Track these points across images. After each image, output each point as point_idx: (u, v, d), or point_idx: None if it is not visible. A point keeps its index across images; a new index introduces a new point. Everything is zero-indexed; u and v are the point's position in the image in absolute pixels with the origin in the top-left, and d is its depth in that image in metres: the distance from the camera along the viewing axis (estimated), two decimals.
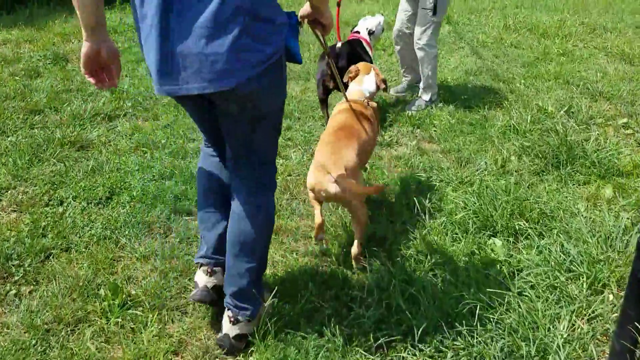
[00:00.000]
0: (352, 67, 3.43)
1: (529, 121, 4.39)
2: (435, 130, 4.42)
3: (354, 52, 4.56)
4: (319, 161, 2.60)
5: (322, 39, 2.30)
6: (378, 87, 3.36)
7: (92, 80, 1.92)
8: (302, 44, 6.36)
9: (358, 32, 4.85)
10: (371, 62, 4.60)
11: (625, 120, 4.50)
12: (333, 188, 2.51)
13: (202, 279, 2.32)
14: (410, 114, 4.70)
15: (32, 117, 4.32)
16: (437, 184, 3.54)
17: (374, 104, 3.21)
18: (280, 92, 1.99)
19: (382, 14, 5.41)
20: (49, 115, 4.39)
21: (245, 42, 1.72)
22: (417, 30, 4.80)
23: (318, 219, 2.70)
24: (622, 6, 8.78)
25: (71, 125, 4.20)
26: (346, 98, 3.08)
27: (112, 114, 4.44)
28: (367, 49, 4.70)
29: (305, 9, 2.12)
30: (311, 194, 2.69)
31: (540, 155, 3.83)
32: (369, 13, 7.81)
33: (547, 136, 4.03)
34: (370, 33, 4.85)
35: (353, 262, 2.75)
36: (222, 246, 2.24)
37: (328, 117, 3.93)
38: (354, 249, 2.71)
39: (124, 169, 3.60)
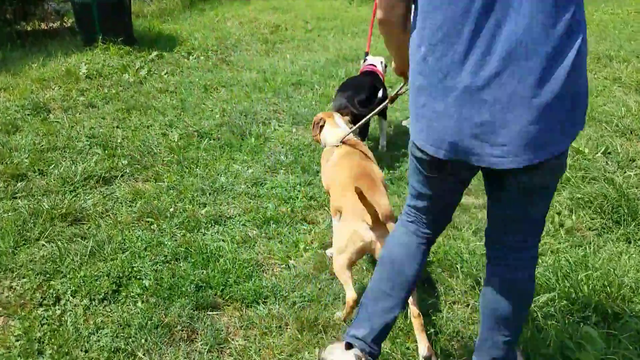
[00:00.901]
0: (316, 119, 3.29)
1: (568, 166, 3.98)
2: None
3: (374, 85, 4.36)
4: (353, 211, 2.34)
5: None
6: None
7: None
8: (307, 83, 5.89)
9: (374, 65, 4.69)
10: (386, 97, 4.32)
11: None
12: (369, 236, 2.28)
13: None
14: None
15: (14, 183, 3.71)
16: None
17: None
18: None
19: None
20: (33, 179, 3.79)
21: (573, 113, 1.62)
22: None
23: (352, 294, 2.34)
24: (616, 32, 8.58)
25: (60, 192, 3.60)
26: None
27: (107, 176, 3.85)
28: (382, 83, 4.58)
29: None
30: (342, 258, 2.34)
31: (599, 210, 3.39)
32: (357, 46, 7.41)
33: (598, 185, 3.62)
34: (386, 66, 4.80)
35: (416, 332, 2.27)
36: (384, 336, 2.02)
37: None
38: (413, 309, 2.27)
39: (129, 248, 3.01)
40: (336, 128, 3.13)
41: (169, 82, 5.88)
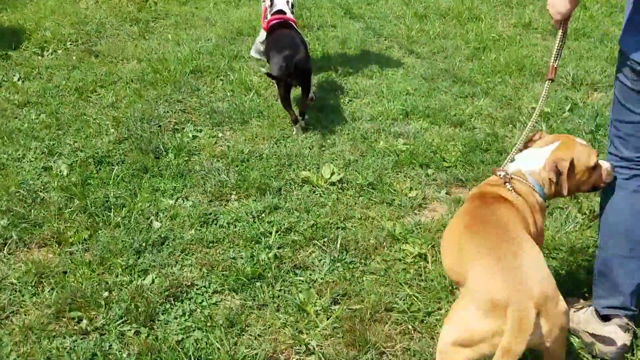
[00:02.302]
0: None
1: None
2: (453, 168, 3.32)
3: (302, 39, 3.91)
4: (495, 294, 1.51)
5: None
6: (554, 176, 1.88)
7: None
8: (209, 69, 4.77)
9: (282, 12, 4.06)
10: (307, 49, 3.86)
11: None
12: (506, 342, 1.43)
13: (619, 335, 1.95)
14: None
15: None
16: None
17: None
18: None
19: None
20: None
21: None
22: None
23: None
24: None
25: None
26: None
27: None
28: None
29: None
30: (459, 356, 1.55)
31: None
32: (249, 17, 6.39)
33: None
34: (293, 5, 4.23)
35: None
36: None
37: (295, 118, 3.71)
38: None
39: None
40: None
41: (28, 91, 4.44)
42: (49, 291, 2.36)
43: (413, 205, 2.97)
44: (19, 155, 3.48)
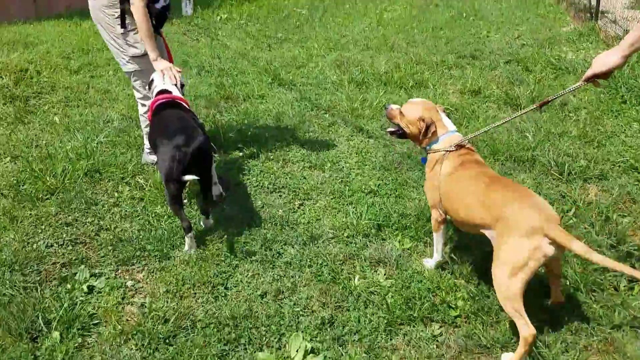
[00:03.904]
0: (427, 120, 2.50)
1: None
2: (464, 322, 2.36)
3: (196, 120, 3.00)
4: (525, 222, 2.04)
5: None
6: None
7: None
8: (111, 169, 3.51)
9: (168, 92, 3.07)
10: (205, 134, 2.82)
11: None
12: (551, 250, 2.01)
13: None
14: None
15: None
16: None
17: None
18: None
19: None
20: None
21: None
22: None
23: (532, 328, 2.00)
24: (413, 30, 7.81)
25: None
26: None
27: None
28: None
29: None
30: (518, 281, 2.01)
31: None
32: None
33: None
34: (182, 86, 3.25)
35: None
36: None
37: (189, 225, 2.74)
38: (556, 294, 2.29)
39: None
40: (446, 130, 2.57)
41: None
42: None
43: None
44: None
